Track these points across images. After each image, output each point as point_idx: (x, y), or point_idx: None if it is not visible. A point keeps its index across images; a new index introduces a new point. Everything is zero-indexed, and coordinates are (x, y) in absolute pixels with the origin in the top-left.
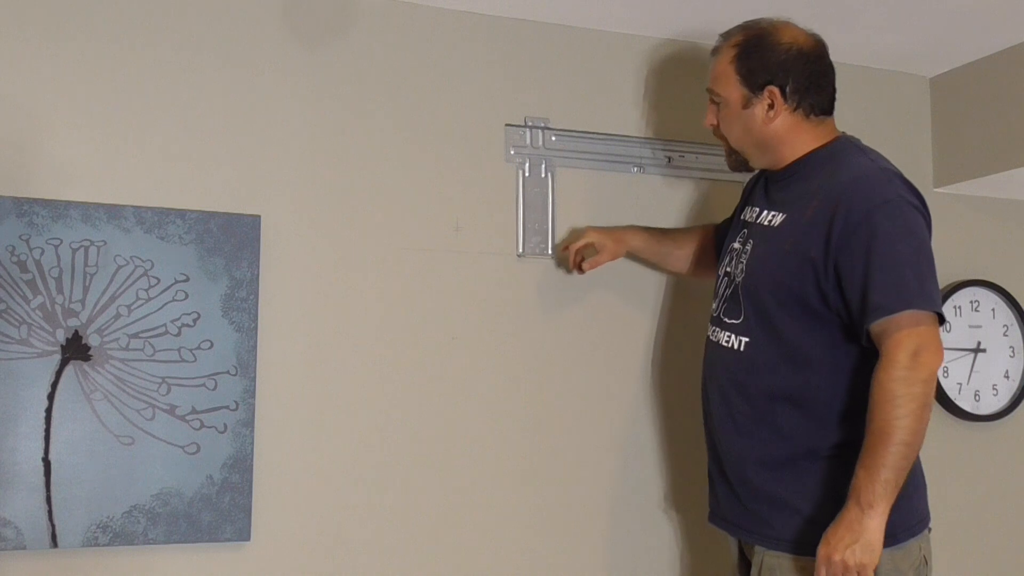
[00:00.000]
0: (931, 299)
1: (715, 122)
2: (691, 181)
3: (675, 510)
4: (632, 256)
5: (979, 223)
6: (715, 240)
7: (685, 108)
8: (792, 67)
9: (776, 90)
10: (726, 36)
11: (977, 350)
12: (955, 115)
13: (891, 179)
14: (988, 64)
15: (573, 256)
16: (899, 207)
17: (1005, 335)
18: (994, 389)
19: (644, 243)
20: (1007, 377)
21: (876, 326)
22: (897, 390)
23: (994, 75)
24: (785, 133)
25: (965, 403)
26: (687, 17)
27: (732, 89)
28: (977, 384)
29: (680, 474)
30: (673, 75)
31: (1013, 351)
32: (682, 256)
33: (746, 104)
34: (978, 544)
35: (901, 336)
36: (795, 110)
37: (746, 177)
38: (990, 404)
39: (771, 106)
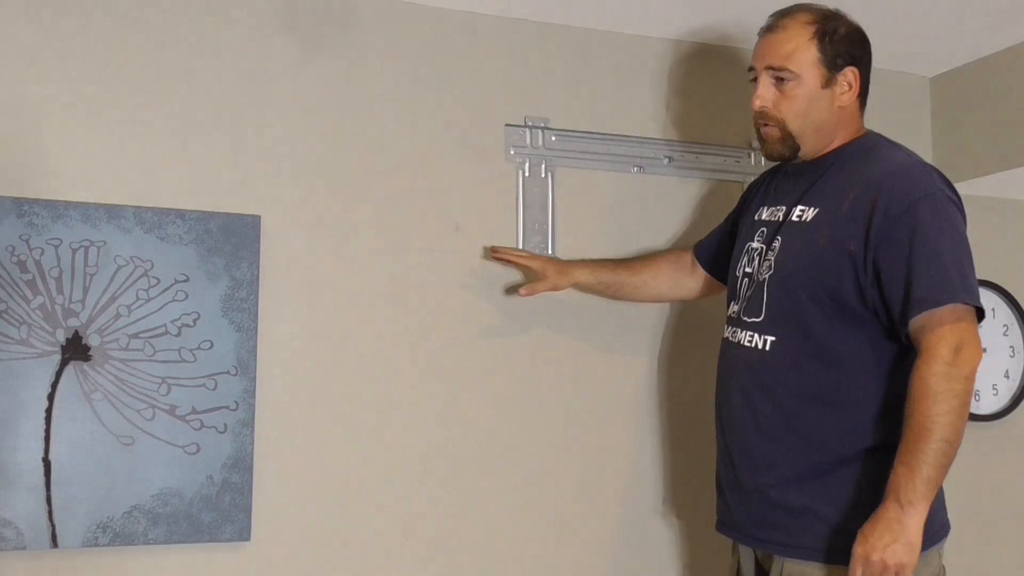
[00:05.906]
0: (973, 293)
1: (768, 104)
2: (691, 181)
3: (676, 516)
4: (583, 290)
5: (979, 223)
6: (696, 258)
7: (685, 108)
8: (865, 53)
9: (858, 72)
10: (786, 14)
11: None
12: (955, 115)
13: (930, 172)
14: (988, 64)
15: (498, 255)
16: (940, 201)
17: (1005, 335)
18: (994, 389)
19: (592, 275)
20: (1007, 377)
21: (917, 320)
22: (939, 386)
23: (994, 75)
24: (847, 118)
25: None
26: (688, 17)
27: (810, 67)
28: (977, 384)
29: (683, 479)
30: (673, 75)
31: (1013, 351)
32: (638, 284)
33: (826, 83)
34: (979, 544)
35: (943, 331)
36: (858, 95)
37: (746, 172)
38: (990, 404)
39: (849, 87)
